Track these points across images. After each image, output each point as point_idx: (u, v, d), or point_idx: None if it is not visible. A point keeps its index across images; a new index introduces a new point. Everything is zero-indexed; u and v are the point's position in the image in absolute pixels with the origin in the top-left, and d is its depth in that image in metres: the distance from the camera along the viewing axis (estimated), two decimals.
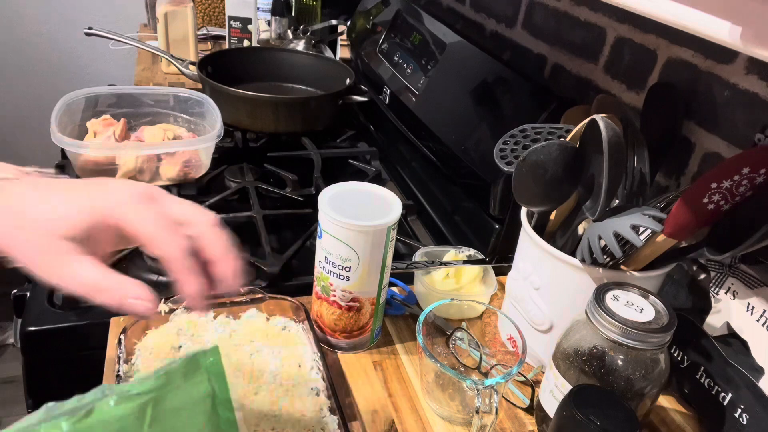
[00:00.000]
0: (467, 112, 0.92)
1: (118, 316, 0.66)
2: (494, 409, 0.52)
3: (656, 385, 0.53)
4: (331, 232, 0.60)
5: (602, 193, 0.55)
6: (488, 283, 0.76)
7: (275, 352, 0.62)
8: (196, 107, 1.04)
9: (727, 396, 0.59)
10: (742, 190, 0.50)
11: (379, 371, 0.65)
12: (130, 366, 0.58)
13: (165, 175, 0.93)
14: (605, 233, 0.56)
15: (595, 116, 0.55)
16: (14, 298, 0.73)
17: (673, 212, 0.53)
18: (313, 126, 1.15)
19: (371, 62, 1.27)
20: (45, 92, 2.10)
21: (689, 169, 0.71)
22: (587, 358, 0.53)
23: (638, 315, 0.52)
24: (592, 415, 0.48)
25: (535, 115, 0.78)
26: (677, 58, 0.72)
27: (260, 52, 1.33)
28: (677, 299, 0.69)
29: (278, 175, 1.02)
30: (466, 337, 0.66)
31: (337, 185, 0.64)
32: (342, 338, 0.66)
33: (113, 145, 0.93)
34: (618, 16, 0.81)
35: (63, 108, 0.91)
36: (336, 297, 0.63)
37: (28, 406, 0.72)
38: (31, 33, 2.11)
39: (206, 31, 1.69)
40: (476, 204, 0.88)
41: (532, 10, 0.99)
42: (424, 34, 1.11)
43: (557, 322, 0.63)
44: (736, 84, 0.65)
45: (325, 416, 0.55)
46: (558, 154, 0.58)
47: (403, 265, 0.73)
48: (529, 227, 0.64)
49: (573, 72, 0.90)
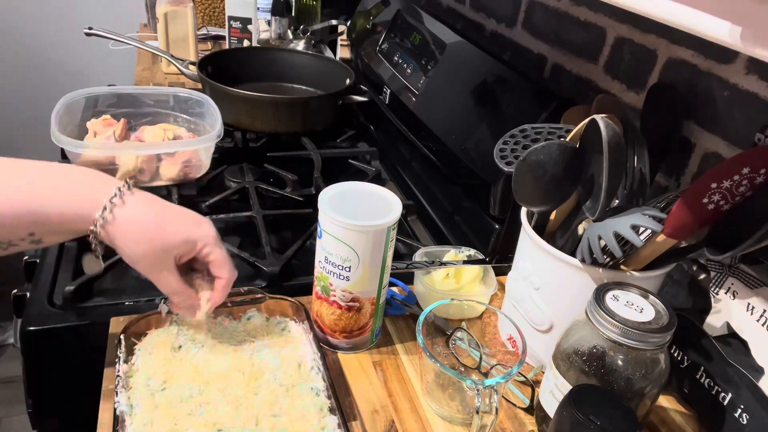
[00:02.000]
0: (467, 112, 0.92)
1: (118, 316, 0.66)
2: (494, 409, 0.52)
3: (656, 385, 0.53)
4: (331, 232, 0.60)
5: (602, 193, 0.55)
6: (488, 283, 0.76)
7: (275, 352, 0.62)
8: (196, 107, 1.04)
9: (727, 396, 0.59)
10: (742, 190, 0.50)
11: (379, 371, 0.65)
12: (130, 366, 0.58)
13: (165, 175, 0.92)
14: (605, 233, 0.56)
15: (595, 116, 0.55)
16: (14, 298, 0.73)
17: (673, 212, 0.53)
18: (313, 126, 1.15)
19: (371, 62, 1.27)
20: (45, 92, 2.10)
21: (689, 169, 0.71)
22: (587, 358, 0.53)
23: (638, 315, 0.52)
24: (592, 415, 0.48)
25: (535, 115, 0.78)
26: (677, 58, 0.72)
27: (260, 52, 1.33)
28: (677, 299, 0.69)
29: (278, 175, 1.02)
30: (466, 337, 0.66)
31: (337, 185, 0.64)
32: (342, 338, 0.66)
33: (113, 145, 0.93)
34: (618, 16, 0.81)
35: (63, 108, 0.91)
36: (336, 297, 0.63)
37: (28, 406, 0.72)
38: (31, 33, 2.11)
39: (206, 31, 1.69)
40: (476, 204, 0.88)
41: (532, 10, 0.99)
42: (424, 34, 1.11)
43: (557, 322, 0.63)
44: (736, 84, 0.65)
45: (325, 416, 0.55)
46: (558, 154, 0.58)
47: (403, 265, 0.73)
48: (529, 227, 0.64)
49: (573, 72, 0.90)
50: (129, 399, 0.55)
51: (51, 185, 0.50)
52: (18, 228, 0.49)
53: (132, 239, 0.52)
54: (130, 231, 0.52)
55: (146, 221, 0.53)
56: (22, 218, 0.49)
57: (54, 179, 0.51)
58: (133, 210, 0.52)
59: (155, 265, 0.54)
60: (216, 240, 0.56)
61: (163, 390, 0.56)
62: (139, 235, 0.52)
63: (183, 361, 0.59)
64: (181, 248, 0.54)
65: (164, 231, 0.53)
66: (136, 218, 0.52)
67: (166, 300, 0.63)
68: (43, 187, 0.50)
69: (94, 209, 0.51)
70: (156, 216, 0.53)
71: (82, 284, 0.72)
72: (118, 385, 0.55)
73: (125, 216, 0.52)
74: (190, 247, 0.55)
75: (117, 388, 0.55)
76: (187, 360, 0.59)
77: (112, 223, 0.51)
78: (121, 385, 0.55)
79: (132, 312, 0.65)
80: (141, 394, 0.55)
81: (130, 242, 0.52)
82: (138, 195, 0.53)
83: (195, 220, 0.56)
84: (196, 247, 0.55)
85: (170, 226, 0.54)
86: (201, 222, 0.56)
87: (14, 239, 0.50)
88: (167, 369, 0.58)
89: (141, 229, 0.52)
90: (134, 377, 0.57)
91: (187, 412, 0.54)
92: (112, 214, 0.51)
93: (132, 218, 0.52)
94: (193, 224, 0.55)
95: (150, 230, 0.53)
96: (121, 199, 0.52)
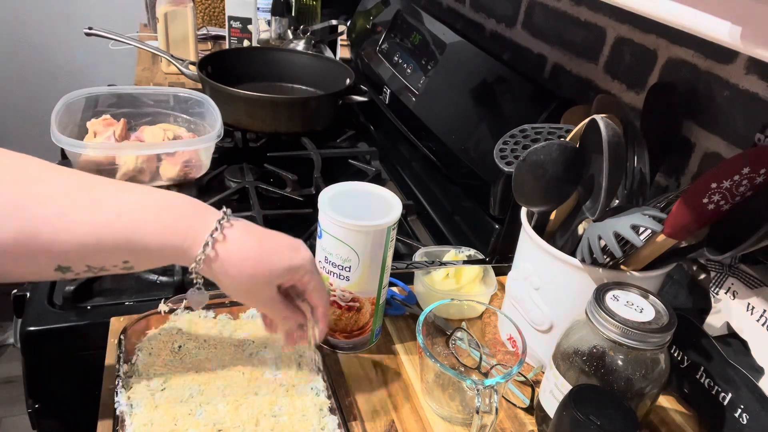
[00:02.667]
0: (467, 112, 0.92)
1: (118, 316, 0.66)
2: (494, 409, 0.52)
3: (656, 385, 0.53)
4: (331, 232, 0.60)
5: (602, 193, 0.55)
6: (488, 283, 0.76)
7: (275, 352, 0.62)
8: (196, 107, 1.04)
9: (727, 396, 0.59)
10: (742, 190, 0.50)
11: (379, 371, 0.65)
12: (130, 366, 0.58)
13: (165, 175, 0.92)
14: (605, 233, 0.56)
15: (595, 116, 0.55)
16: (14, 298, 0.73)
17: (673, 212, 0.53)
18: (313, 126, 1.15)
19: (371, 62, 1.27)
20: (45, 92, 2.10)
21: (689, 169, 0.71)
22: (587, 358, 0.53)
23: (638, 315, 0.52)
24: (592, 415, 0.48)
25: (535, 115, 0.78)
26: (677, 58, 0.72)
27: (260, 52, 1.33)
28: (677, 299, 0.69)
29: (278, 175, 1.02)
30: (466, 337, 0.66)
31: (337, 185, 0.64)
32: (342, 338, 0.66)
33: (113, 145, 0.93)
34: (618, 16, 0.81)
35: (63, 108, 0.91)
36: (336, 297, 0.63)
37: (28, 406, 0.72)
38: (31, 33, 2.11)
39: (206, 31, 1.69)
40: (476, 204, 0.88)
41: (532, 10, 0.99)
42: (424, 34, 1.11)
43: (557, 322, 0.63)
44: (736, 84, 0.65)
45: (325, 416, 0.55)
46: (558, 154, 0.58)
47: (403, 265, 0.73)
48: (529, 227, 0.64)
49: (573, 72, 0.90)
50: (129, 399, 0.55)
51: (151, 216, 0.48)
52: (114, 256, 0.48)
53: (235, 275, 0.51)
54: (233, 267, 0.50)
55: (248, 256, 0.51)
56: (122, 247, 0.47)
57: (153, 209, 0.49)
58: (235, 245, 0.50)
59: (260, 296, 0.53)
60: (314, 265, 0.54)
61: (163, 390, 0.56)
62: (242, 270, 0.51)
63: (183, 361, 0.59)
64: (284, 277, 0.53)
65: (266, 263, 0.51)
66: (238, 253, 0.50)
67: (166, 300, 0.63)
68: (141, 219, 0.48)
69: (195, 245, 0.49)
70: (257, 248, 0.51)
71: (82, 284, 0.72)
72: (118, 385, 0.55)
73: (227, 251, 0.50)
74: (292, 275, 0.53)
75: (117, 388, 0.55)
76: (187, 360, 0.59)
77: (214, 260, 0.49)
78: (121, 385, 0.55)
79: (132, 312, 0.65)
80: (141, 394, 0.55)
81: (233, 279, 0.51)
82: (236, 226, 0.51)
83: (292, 245, 0.54)
84: (298, 274, 0.53)
85: (271, 257, 0.52)
86: (298, 247, 0.54)
87: (107, 265, 0.48)
88: (167, 369, 0.58)
89: (243, 264, 0.50)
90: (134, 377, 0.57)
91: (187, 412, 0.54)
92: (214, 251, 0.49)
93: (234, 253, 0.50)
94: (292, 250, 0.53)
95: (252, 264, 0.51)
96: (222, 233, 0.50)
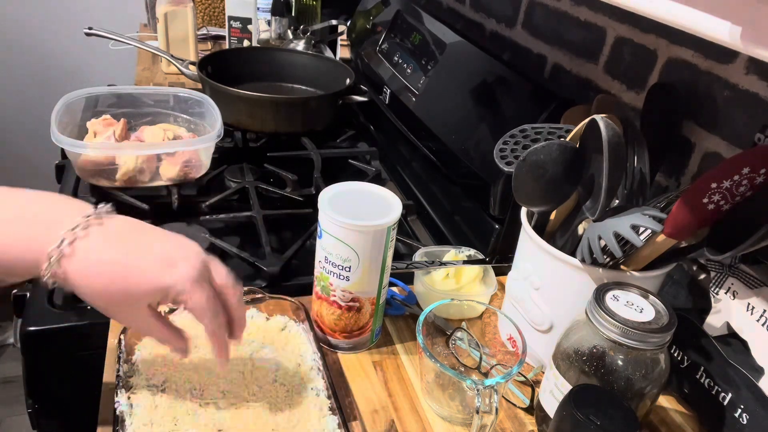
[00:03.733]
0: (467, 112, 0.92)
1: None
2: (494, 409, 0.52)
3: (656, 385, 0.53)
4: (331, 232, 0.60)
5: (602, 193, 0.55)
6: (488, 283, 0.76)
7: (275, 352, 0.62)
8: (196, 107, 1.04)
9: (727, 396, 0.59)
10: (742, 190, 0.50)
11: (379, 371, 0.65)
12: (130, 366, 0.58)
13: (165, 175, 0.92)
14: (605, 233, 0.56)
15: (595, 116, 0.55)
16: (14, 298, 0.73)
17: (673, 212, 0.53)
18: (313, 126, 1.15)
19: (371, 62, 1.27)
20: (45, 92, 2.09)
21: (689, 169, 0.71)
22: (587, 358, 0.53)
23: (638, 315, 0.52)
24: (592, 415, 0.48)
25: (535, 115, 0.78)
26: (677, 58, 0.72)
27: (260, 52, 1.33)
28: (677, 299, 0.69)
29: (278, 175, 1.02)
30: (466, 337, 0.66)
31: (337, 185, 0.64)
32: (342, 338, 0.66)
33: (113, 145, 0.93)
34: (618, 16, 0.81)
35: (63, 108, 0.91)
36: (336, 297, 0.63)
37: (28, 406, 0.72)
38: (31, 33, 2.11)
39: (206, 31, 1.69)
40: (476, 204, 0.88)
41: (532, 10, 0.99)
42: (424, 34, 1.11)
43: (557, 322, 0.63)
44: (736, 84, 0.65)
45: (325, 416, 0.55)
46: (558, 154, 0.58)
47: (403, 265, 0.73)
48: (529, 227, 0.64)
49: (573, 72, 0.90)
50: (129, 399, 0.55)
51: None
52: None
53: (86, 292, 0.45)
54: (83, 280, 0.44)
55: (101, 271, 0.44)
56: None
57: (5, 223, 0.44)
58: (92, 256, 0.44)
59: (124, 317, 0.49)
60: (194, 282, 0.46)
61: (163, 390, 0.56)
62: (93, 287, 0.45)
63: (183, 361, 0.59)
64: (151, 297, 0.46)
65: (122, 282, 0.45)
66: (94, 266, 0.44)
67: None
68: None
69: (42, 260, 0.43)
70: (115, 262, 0.45)
71: None
72: (118, 385, 0.55)
73: (78, 263, 0.44)
74: (162, 295, 0.46)
75: (117, 388, 0.55)
76: (187, 360, 0.59)
77: (63, 276, 0.43)
78: (121, 385, 0.55)
79: None
80: (141, 394, 0.55)
81: (85, 296, 0.45)
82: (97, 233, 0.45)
83: (169, 259, 0.46)
84: (169, 295, 0.46)
85: (132, 275, 0.45)
86: (176, 261, 0.46)
87: None
88: (167, 369, 0.58)
89: (95, 280, 0.44)
90: (134, 377, 0.57)
91: (187, 412, 0.54)
92: (61, 266, 0.43)
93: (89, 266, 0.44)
94: (165, 266, 0.46)
95: (104, 282, 0.45)
96: (71, 246, 0.43)
